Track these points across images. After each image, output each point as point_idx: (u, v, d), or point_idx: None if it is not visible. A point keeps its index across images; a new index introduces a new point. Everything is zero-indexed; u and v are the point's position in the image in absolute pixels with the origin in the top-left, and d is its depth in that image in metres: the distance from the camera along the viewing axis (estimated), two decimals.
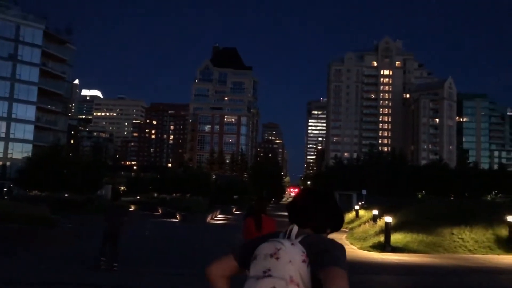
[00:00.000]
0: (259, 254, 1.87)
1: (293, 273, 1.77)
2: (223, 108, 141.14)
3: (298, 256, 1.81)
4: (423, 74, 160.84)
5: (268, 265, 1.81)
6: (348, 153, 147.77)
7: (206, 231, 26.45)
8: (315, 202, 2.12)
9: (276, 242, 1.86)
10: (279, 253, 1.80)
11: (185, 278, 10.17)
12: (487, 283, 11.49)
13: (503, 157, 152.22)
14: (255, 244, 1.95)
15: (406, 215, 24.59)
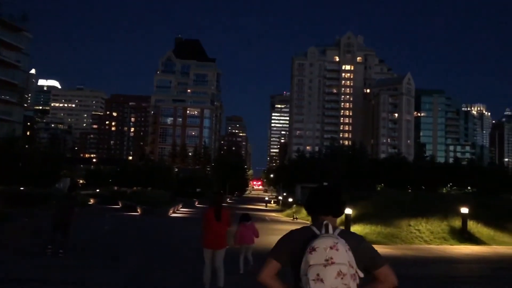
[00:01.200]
0: (319, 247, 2.35)
1: (350, 259, 2.35)
2: (185, 100, 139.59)
3: (347, 247, 2.37)
4: (383, 69, 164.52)
5: (330, 255, 2.32)
6: (310, 146, 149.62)
7: (167, 224, 26.11)
8: (337, 195, 2.73)
9: (333, 238, 2.39)
10: (338, 246, 2.34)
11: (143, 272, 9.96)
12: (443, 273, 11.85)
13: (458, 151, 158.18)
14: (294, 240, 2.54)
15: (366, 207, 25.12)
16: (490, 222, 21.40)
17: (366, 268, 2.45)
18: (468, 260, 14.43)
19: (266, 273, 2.55)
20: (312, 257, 2.34)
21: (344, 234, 2.52)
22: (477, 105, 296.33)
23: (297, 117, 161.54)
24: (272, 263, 2.57)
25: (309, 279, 2.32)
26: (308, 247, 2.38)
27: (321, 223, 2.55)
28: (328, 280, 2.29)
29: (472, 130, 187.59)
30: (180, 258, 12.48)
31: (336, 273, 2.30)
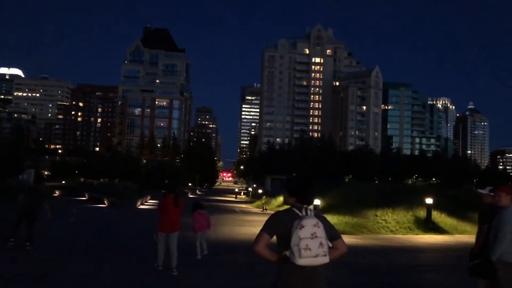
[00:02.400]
0: (307, 225, 3.16)
1: (325, 235, 3.20)
2: (154, 90, 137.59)
3: (323, 225, 3.24)
4: (352, 63, 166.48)
5: (314, 231, 3.15)
6: (280, 138, 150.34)
7: (134, 216, 25.71)
8: (312, 184, 3.51)
9: (315, 218, 3.23)
10: (319, 224, 3.20)
11: (107, 265, 9.74)
12: (407, 261, 12.08)
13: (423, 144, 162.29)
14: (282, 219, 3.31)
15: (334, 198, 25.41)
16: (453, 212, 22.02)
17: (329, 239, 3.27)
18: (432, 249, 14.78)
19: (261, 245, 3.27)
20: (302, 232, 3.14)
21: (318, 215, 3.42)
22: (442, 99, 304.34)
23: (267, 109, 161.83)
24: (264, 236, 3.29)
25: (301, 248, 3.11)
26: (298, 225, 3.17)
27: (300, 207, 3.35)
28: (313, 249, 3.13)
29: (437, 123, 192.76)
30: (143, 248, 12.28)
31: (318, 244, 3.15)
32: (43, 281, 7.95)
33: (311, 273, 3.22)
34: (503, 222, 5.33)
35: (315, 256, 3.13)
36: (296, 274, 3.21)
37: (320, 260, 3.16)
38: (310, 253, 3.12)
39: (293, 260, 3.15)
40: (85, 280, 8.16)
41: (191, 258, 10.22)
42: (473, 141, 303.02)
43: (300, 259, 3.12)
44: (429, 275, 10.35)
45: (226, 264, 10.45)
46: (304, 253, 3.11)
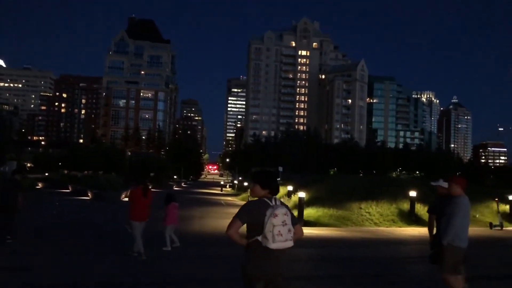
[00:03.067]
0: (279, 214, 3.71)
1: (291, 222, 3.78)
2: (139, 82, 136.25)
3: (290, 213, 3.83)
4: (338, 56, 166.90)
5: (284, 219, 3.72)
6: (266, 131, 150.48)
7: (118, 209, 25.46)
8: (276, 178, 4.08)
9: (285, 208, 3.81)
10: (288, 213, 3.78)
11: (89, 258, 9.64)
12: (390, 253, 12.20)
13: (407, 137, 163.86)
14: (254, 208, 3.82)
15: (319, 191, 25.53)
16: None
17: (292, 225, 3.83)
18: (414, 241, 14.95)
19: (233, 230, 3.77)
20: (275, 220, 3.68)
21: (283, 204, 3.91)
22: (427, 93, 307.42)
23: (253, 102, 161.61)
24: (237, 223, 3.78)
25: (274, 234, 3.66)
26: (272, 214, 3.70)
27: (270, 197, 3.91)
28: (284, 234, 3.69)
29: (421, 116, 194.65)
30: (126, 239, 12.19)
31: (288, 230, 3.72)
32: (24, 273, 7.83)
33: (277, 255, 3.77)
34: (455, 209, 5.94)
35: (285, 241, 3.71)
36: (265, 256, 3.74)
37: (288, 243, 3.74)
38: (282, 238, 3.68)
39: (266, 244, 3.69)
40: (67, 272, 8.07)
41: (164, 250, 10.40)
42: (457, 135, 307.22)
43: (273, 243, 3.67)
44: (412, 266, 10.47)
45: (212, 257, 10.41)
46: (277, 238, 3.67)
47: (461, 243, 6.03)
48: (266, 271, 3.76)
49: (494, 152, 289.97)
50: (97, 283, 7.30)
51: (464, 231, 6.04)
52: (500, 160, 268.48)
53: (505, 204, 23.83)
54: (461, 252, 6.07)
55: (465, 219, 6.03)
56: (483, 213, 24.03)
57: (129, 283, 7.40)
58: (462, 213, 5.96)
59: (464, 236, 6.05)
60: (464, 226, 6.02)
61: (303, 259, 10.75)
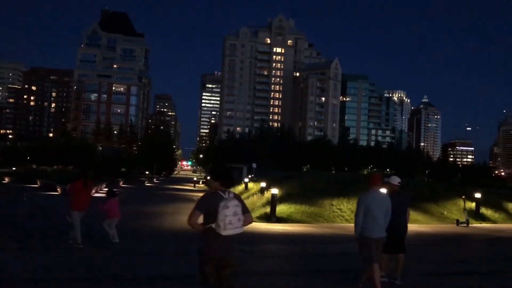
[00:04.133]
0: (230, 206, 4.31)
1: (241, 212, 4.39)
2: (111, 76, 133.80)
3: (239, 204, 4.42)
4: (313, 54, 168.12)
5: (235, 210, 4.33)
6: (241, 127, 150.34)
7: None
8: (231, 173, 4.72)
9: (236, 200, 4.42)
10: (238, 204, 4.39)
11: (51, 253, 9.44)
12: None
13: (379, 135, 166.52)
14: (210, 200, 4.40)
15: (291, 187, 25.66)
16: None
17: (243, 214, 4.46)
18: None
19: (193, 219, 4.40)
20: (227, 211, 4.27)
21: (236, 196, 4.53)
22: (398, 92, 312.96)
23: (228, 98, 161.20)
24: (196, 213, 4.42)
25: (226, 223, 4.26)
26: (224, 206, 4.28)
27: (224, 190, 4.49)
28: (234, 223, 4.32)
29: (392, 115, 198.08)
30: (92, 233, 12.00)
31: (238, 219, 4.35)
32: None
33: (228, 241, 4.42)
34: (357, 203, 6.72)
35: (235, 228, 4.34)
36: (217, 240, 4.36)
37: (238, 230, 4.39)
38: (232, 226, 4.31)
39: (218, 231, 4.29)
40: (29, 266, 7.89)
41: (113, 242, 10.72)
42: (426, 134, 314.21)
43: (224, 231, 4.29)
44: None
45: (180, 253, 10.32)
46: (228, 226, 4.29)
47: (371, 234, 6.45)
48: (218, 252, 4.41)
49: (462, 151, 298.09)
50: (36, 279, 7.07)
51: (374, 222, 6.44)
52: (468, 158, 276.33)
53: (471, 202, 24.49)
54: (373, 242, 6.47)
55: (375, 211, 6.45)
56: (450, 210, 24.66)
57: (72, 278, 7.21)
58: (363, 207, 6.49)
59: (374, 228, 6.45)
60: (373, 218, 6.44)
61: (275, 255, 10.80)
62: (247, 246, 11.97)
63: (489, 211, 25.39)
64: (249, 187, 34.52)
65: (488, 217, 24.60)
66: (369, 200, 6.58)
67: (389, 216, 6.70)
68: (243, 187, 36.27)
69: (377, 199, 6.61)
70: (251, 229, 15.66)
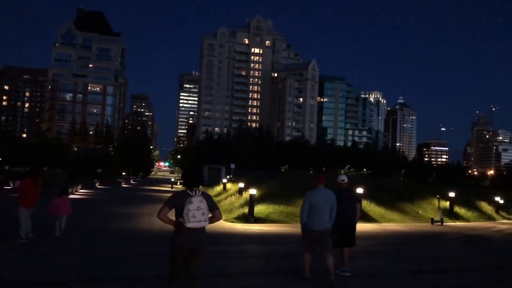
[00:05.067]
0: (194, 201, 4.85)
1: (206, 207, 4.92)
2: (87, 75, 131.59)
3: (205, 201, 4.93)
4: (290, 55, 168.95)
5: (199, 205, 4.85)
6: (219, 128, 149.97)
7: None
8: (200, 172, 5.40)
9: (200, 197, 4.91)
10: (203, 200, 4.90)
11: (12, 255, 9.22)
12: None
13: (356, 135, 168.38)
14: (178, 197, 4.98)
15: (270, 187, 25.72)
16: (381, 201, 23.05)
17: (210, 211, 5.02)
18: (361, 237, 15.28)
19: (162, 214, 4.95)
20: (191, 206, 4.84)
21: (203, 194, 5.05)
22: (375, 93, 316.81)
23: (206, 98, 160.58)
24: (165, 208, 4.97)
25: (189, 216, 4.82)
26: (189, 201, 4.85)
27: (191, 189, 5.02)
28: (198, 217, 4.85)
29: (369, 116, 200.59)
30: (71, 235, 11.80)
31: (201, 214, 4.88)
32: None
33: (195, 232, 4.92)
34: (304, 199, 7.52)
35: (199, 222, 4.86)
36: (186, 233, 4.90)
37: (202, 224, 4.91)
38: (195, 219, 4.84)
39: (184, 224, 4.84)
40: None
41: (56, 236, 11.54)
42: (402, 134, 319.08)
43: (189, 223, 4.83)
44: (359, 261, 10.74)
45: (157, 255, 10.20)
46: (191, 219, 4.83)
47: (312, 227, 7.26)
48: (186, 243, 4.93)
49: (436, 151, 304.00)
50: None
51: (316, 217, 7.23)
52: (442, 158, 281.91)
53: (445, 201, 25.00)
54: (312, 233, 7.29)
55: (319, 207, 7.25)
56: (425, 209, 25.13)
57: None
58: (308, 202, 7.33)
59: (314, 222, 7.23)
60: (316, 212, 7.24)
61: (253, 255, 10.79)
62: (224, 246, 11.95)
63: (462, 210, 26.00)
64: (228, 187, 34.47)
65: (462, 215, 25.18)
66: (313, 196, 7.36)
67: (334, 211, 7.39)
68: (221, 187, 36.18)
69: (321, 196, 7.36)
70: (229, 230, 15.65)
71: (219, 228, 16.11)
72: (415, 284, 8.13)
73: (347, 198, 8.14)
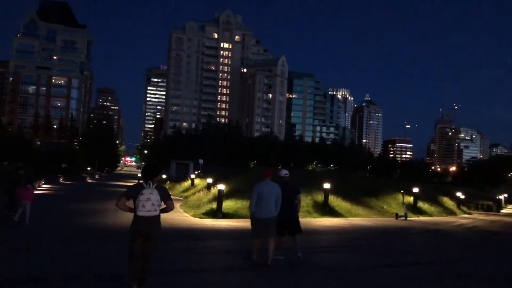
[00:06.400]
0: (145, 192, 5.58)
1: (158, 198, 5.65)
2: (51, 68, 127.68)
3: (157, 192, 5.66)
4: (260, 50, 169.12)
5: (148, 196, 5.59)
6: (187, 123, 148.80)
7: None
8: (157, 167, 6.06)
9: (151, 189, 5.64)
10: (153, 192, 5.64)
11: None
12: (306, 243, 12.57)
13: (323, 132, 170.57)
14: (134, 189, 5.73)
15: (238, 183, 25.71)
16: (348, 196, 23.42)
17: (163, 201, 5.73)
18: (328, 231, 15.57)
19: (120, 203, 5.71)
20: (141, 197, 5.57)
21: (157, 186, 5.76)
22: (342, 90, 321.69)
23: (174, 93, 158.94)
24: (122, 199, 5.72)
25: (140, 206, 5.56)
26: (141, 192, 5.58)
27: (146, 182, 5.72)
28: (147, 207, 5.56)
29: (336, 112, 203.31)
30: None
31: (150, 204, 5.57)
32: None
33: (146, 220, 5.63)
34: (252, 191, 8.43)
35: (148, 211, 5.57)
36: (138, 220, 5.67)
37: (151, 213, 5.60)
38: (145, 209, 5.57)
39: (136, 212, 5.61)
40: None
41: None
42: (368, 131, 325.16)
43: (140, 212, 5.58)
44: (326, 255, 10.87)
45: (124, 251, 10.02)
46: (141, 209, 5.58)
47: (260, 215, 8.18)
48: (139, 229, 5.68)
49: (401, 147, 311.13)
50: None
51: (262, 206, 8.16)
52: (407, 155, 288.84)
53: (409, 196, 25.63)
54: (259, 222, 8.22)
55: (265, 197, 8.16)
56: (390, 204, 25.69)
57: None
58: (256, 193, 8.23)
59: (261, 210, 8.16)
60: (263, 202, 8.15)
61: (221, 251, 10.76)
62: (192, 242, 11.86)
63: (425, 205, 26.74)
64: (196, 183, 34.27)
65: (425, 210, 25.89)
66: (260, 188, 8.26)
67: (279, 201, 8.29)
68: (189, 183, 35.93)
69: (267, 188, 8.26)
70: (197, 225, 15.55)
71: (187, 224, 16.00)
72: (378, 278, 8.29)
73: (289, 191, 8.98)
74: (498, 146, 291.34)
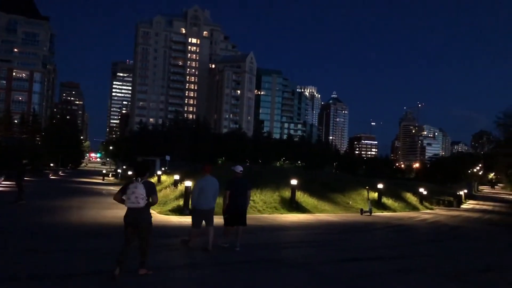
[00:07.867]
0: (131, 187, 6.47)
1: (142, 192, 6.46)
2: (12, 61, 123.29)
3: (143, 187, 6.50)
4: (228, 46, 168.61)
5: (133, 190, 6.44)
6: (154, 118, 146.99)
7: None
8: (145, 165, 6.94)
9: (138, 183, 6.50)
10: (138, 186, 6.48)
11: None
12: (274, 239, 12.66)
13: (291, 129, 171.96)
14: (126, 185, 6.61)
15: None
16: (315, 192, 23.71)
17: (149, 195, 6.50)
18: (294, 227, 15.72)
19: (117, 197, 6.68)
20: (128, 191, 6.44)
21: (145, 182, 6.57)
22: (310, 87, 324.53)
23: (140, 88, 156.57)
24: (118, 194, 6.61)
25: (125, 199, 6.47)
26: (127, 187, 6.46)
27: (136, 178, 6.53)
28: (132, 199, 6.38)
29: (304, 109, 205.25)
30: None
31: (134, 197, 6.38)
32: None
33: (132, 211, 6.51)
34: (194, 184, 9.54)
35: (132, 203, 6.38)
36: (128, 212, 6.57)
37: (136, 205, 6.40)
38: (130, 201, 6.40)
39: (125, 205, 6.51)
40: None
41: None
42: (335, 128, 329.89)
43: (126, 204, 6.46)
44: (293, 251, 10.98)
45: (90, 250, 9.84)
46: (127, 201, 6.43)
47: (200, 207, 9.20)
48: (129, 219, 6.54)
49: (366, 144, 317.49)
50: None
51: (202, 198, 9.15)
52: (372, 152, 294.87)
53: (374, 192, 26.18)
54: (201, 212, 9.25)
55: (206, 191, 9.17)
56: (355, 200, 26.18)
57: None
58: (198, 187, 9.21)
59: (202, 202, 9.17)
60: (204, 195, 9.16)
61: (187, 247, 10.68)
62: (158, 239, 11.72)
63: (389, 201, 27.40)
64: (162, 179, 33.89)
65: (389, 206, 26.53)
66: (202, 182, 9.27)
67: (217, 195, 9.49)
68: (155, 180, 35.46)
69: (207, 182, 9.30)
70: (163, 222, 15.39)
71: (153, 221, 15.78)
72: (340, 273, 8.44)
73: (242, 186, 9.92)
74: (459, 144, 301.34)
